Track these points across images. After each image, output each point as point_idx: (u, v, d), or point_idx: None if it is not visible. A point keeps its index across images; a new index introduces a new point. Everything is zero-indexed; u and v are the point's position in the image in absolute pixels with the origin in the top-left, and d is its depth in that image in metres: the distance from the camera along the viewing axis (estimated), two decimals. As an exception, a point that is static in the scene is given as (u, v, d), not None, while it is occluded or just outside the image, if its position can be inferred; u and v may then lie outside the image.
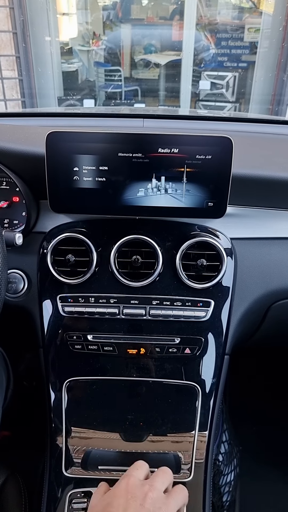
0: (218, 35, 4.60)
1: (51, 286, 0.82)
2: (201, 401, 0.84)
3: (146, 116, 1.12)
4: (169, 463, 0.83)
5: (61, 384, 0.83)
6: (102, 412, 0.85)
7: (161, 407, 0.85)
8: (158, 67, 4.79)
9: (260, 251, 0.85)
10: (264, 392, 1.41)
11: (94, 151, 0.72)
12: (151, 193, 0.75)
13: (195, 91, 4.48)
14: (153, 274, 0.79)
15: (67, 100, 4.22)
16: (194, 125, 1.16)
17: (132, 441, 0.84)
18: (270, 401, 1.37)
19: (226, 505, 1.08)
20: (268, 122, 1.21)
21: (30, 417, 1.08)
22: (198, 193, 0.74)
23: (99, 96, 4.95)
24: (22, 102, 3.61)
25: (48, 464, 0.83)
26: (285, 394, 1.39)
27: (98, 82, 4.93)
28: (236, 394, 1.30)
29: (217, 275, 0.79)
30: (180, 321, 0.82)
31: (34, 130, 0.89)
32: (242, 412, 1.32)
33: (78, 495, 0.79)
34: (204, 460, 0.83)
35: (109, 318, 0.81)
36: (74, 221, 0.83)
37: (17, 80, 3.52)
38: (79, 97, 4.53)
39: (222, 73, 4.47)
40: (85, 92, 4.88)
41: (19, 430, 1.13)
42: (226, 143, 0.71)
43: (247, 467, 1.17)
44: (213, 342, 0.83)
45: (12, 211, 0.85)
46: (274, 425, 1.30)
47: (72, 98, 4.26)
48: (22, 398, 1.04)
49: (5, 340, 0.93)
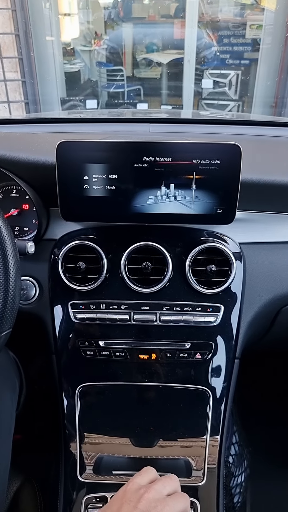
0: (220, 33, 4.58)
1: (62, 293, 0.83)
2: (212, 406, 0.84)
3: (152, 121, 1.13)
4: (181, 468, 0.84)
5: (74, 390, 0.85)
6: (114, 418, 0.86)
7: (173, 412, 0.85)
8: (160, 66, 4.79)
9: (269, 255, 0.85)
10: (273, 393, 1.42)
11: (104, 160, 0.73)
12: (160, 201, 0.76)
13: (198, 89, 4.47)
14: (163, 280, 0.80)
15: (70, 101, 4.23)
16: (200, 129, 1.17)
17: (145, 446, 0.85)
18: (280, 403, 1.38)
19: (237, 506, 1.09)
20: (274, 125, 1.22)
21: (42, 422, 1.09)
22: (207, 200, 0.75)
23: (101, 96, 4.95)
24: (25, 104, 3.61)
25: (62, 469, 0.84)
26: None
27: (100, 82, 4.93)
28: (246, 396, 1.31)
29: (227, 280, 0.80)
30: (191, 326, 0.82)
31: (43, 139, 0.90)
32: (251, 414, 1.33)
33: (94, 500, 0.80)
34: (217, 464, 0.84)
35: (120, 324, 0.82)
36: (84, 228, 0.84)
37: (20, 82, 3.52)
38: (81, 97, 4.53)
39: (225, 71, 4.45)
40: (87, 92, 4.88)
41: (32, 434, 1.14)
42: (234, 151, 0.71)
43: (257, 469, 1.18)
44: (223, 346, 0.84)
45: (22, 218, 0.86)
46: (284, 426, 1.30)
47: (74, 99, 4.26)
48: (34, 403, 1.05)
49: (17, 346, 0.94)
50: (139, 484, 0.56)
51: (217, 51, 4.56)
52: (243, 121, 1.38)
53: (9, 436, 0.82)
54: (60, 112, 3.86)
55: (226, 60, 4.58)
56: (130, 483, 0.56)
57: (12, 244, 0.61)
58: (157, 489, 0.54)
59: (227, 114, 2.60)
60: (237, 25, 4.54)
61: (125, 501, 0.52)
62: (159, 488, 0.55)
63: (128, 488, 0.55)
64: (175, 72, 4.59)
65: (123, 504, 0.52)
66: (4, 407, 0.83)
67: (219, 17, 4.63)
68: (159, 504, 0.52)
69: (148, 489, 0.54)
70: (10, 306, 0.60)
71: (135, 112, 2.38)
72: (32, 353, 1.07)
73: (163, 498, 0.54)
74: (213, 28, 4.56)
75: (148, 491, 0.53)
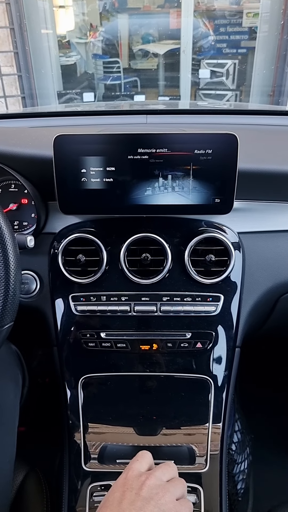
0: (216, 22, 4.55)
1: (62, 286, 0.84)
2: (214, 394, 0.85)
3: (149, 112, 1.13)
4: (184, 455, 0.86)
5: (77, 381, 0.86)
6: (117, 408, 0.87)
7: (175, 401, 0.86)
8: (156, 57, 4.76)
9: (267, 244, 0.86)
10: (274, 381, 1.43)
11: (101, 153, 0.73)
12: (158, 192, 0.76)
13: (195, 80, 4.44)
14: (162, 271, 0.80)
15: (66, 94, 4.21)
16: (197, 119, 1.17)
17: (147, 435, 0.86)
18: (281, 390, 1.39)
19: (240, 493, 1.10)
20: (271, 114, 1.21)
21: (46, 414, 1.10)
22: (204, 190, 0.75)
23: (98, 88, 4.93)
24: (22, 98, 3.60)
25: (67, 459, 0.86)
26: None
27: (97, 75, 4.90)
28: (247, 383, 1.32)
29: (226, 270, 0.80)
30: (191, 316, 0.83)
31: (40, 133, 0.90)
32: (253, 402, 1.34)
33: (99, 488, 0.82)
34: (219, 451, 0.85)
35: (121, 316, 0.83)
36: (83, 221, 0.84)
37: (16, 77, 3.51)
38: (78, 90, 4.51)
39: (222, 61, 4.42)
40: (84, 85, 4.85)
41: (35, 426, 1.16)
42: (231, 140, 0.71)
43: (260, 455, 1.19)
44: (223, 335, 0.85)
45: (21, 213, 0.86)
46: (286, 413, 1.32)
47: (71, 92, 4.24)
48: (37, 395, 1.06)
49: (19, 339, 0.95)
50: (139, 470, 0.57)
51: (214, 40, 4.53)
52: (241, 110, 1.37)
53: (14, 428, 0.83)
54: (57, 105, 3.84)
55: (223, 49, 4.55)
56: (130, 470, 0.57)
57: (11, 238, 0.61)
58: (157, 476, 0.55)
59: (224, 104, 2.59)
60: (233, 13, 4.50)
61: (127, 489, 0.53)
62: (159, 475, 0.56)
63: (129, 475, 0.56)
64: (171, 62, 4.56)
65: (125, 492, 0.53)
66: (7, 400, 0.84)
67: (215, 6, 4.58)
68: (160, 491, 0.53)
69: (149, 476, 0.55)
70: (11, 300, 0.61)
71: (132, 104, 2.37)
72: (34, 346, 1.08)
73: (163, 484, 0.55)
74: (209, 17, 4.52)
75: (149, 478, 0.54)
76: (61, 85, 4.32)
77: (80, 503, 0.83)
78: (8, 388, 0.85)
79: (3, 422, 0.80)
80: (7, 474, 0.79)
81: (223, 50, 4.55)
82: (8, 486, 0.79)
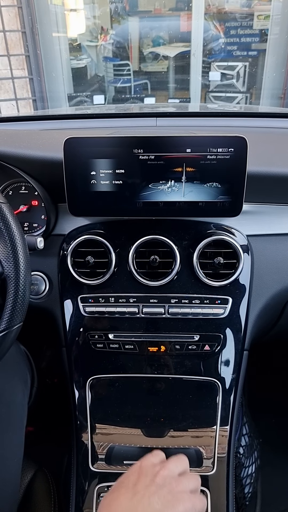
0: (227, 24, 4.53)
1: (71, 287, 0.85)
2: (222, 397, 0.85)
3: (159, 115, 1.13)
4: (191, 457, 0.85)
5: (85, 382, 0.86)
6: (125, 409, 0.87)
7: (182, 403, 0.86)
8: (167, 59, 4.76)
9: (276, 247, 0.85)
10: (283, 385, 1.42)
11: (110, 155, 0.74)
12: (166, 194, 0.76)
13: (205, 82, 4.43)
14: (171, 273, 0.80)
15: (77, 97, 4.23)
16: (207, 122, 1.17)
17: (155, 436, 0.86)
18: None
19: (248, 497, 1.10)
20: (281, 117, 1.21)
21: (54, 414, 1.11)
22: (213, 193, 0.75)
23: (108, 91, 4.94)
24: (33, 101, 3.63)
25: (75, 459, 0.86)
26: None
27: (107, 77, 4.92)
28: (255, 387, 1.31)
29: (234, 273, 0.80)
30: (199, 319, 0.83)
31: (50, 135, 0.91)
32: (261, 405, 1.34)
33: (106, 489, 0.82)
34: (226, 454, 0.85)
35: (129, 317, 0.83)
36: (92, 223, 0.85)
37: (27, 79, 3.54)
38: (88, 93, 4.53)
39: (232, 63, 4.41)
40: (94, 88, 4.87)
41: (43, 426, 1.16)
42: (240, 143, 0.71)
43: (267, 459, 1.19)
44: (232, 338, 0.85)
45: (31, 214, 0.88)
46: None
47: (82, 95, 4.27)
48: (45, 396, 1.07)
49: (28, 339, 0.96)
50: (152, 462, 0.59)
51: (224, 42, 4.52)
52: (251, 113, 1.37)
53: (22, 428, 0.84)
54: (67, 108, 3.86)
55: (234, 51, 4.53)
56: (145, 460, 0.60)
57: (22, 239, 0.62)
58: (170, 468, 0.58)
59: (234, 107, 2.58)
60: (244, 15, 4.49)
61: (142, 475, 0.56)
62: (172, 468, 0.58)
63: (143, 464, 0.59)
64: (182, 65, 4.55)
65: (140, 477, 0.55)
66: (16, 400, 0.85)
67: (225, 8, 4.57)
68: (173, 482, 0.55)
69: (163, 467, 0.58)
70: (21, 300, 0.62)
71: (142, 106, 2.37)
72: (43, 347, 1.09)
73: (176, 476, 0.57)
74: (220, 20, 4.51)
75: (163, 468, 0.57)
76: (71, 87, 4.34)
77: (87, 503, 0.84)
78: (16, 388, 0.86)
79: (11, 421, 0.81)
80: (15, 473, 0.79)
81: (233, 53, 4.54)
82: (16, 485, 0.80)
